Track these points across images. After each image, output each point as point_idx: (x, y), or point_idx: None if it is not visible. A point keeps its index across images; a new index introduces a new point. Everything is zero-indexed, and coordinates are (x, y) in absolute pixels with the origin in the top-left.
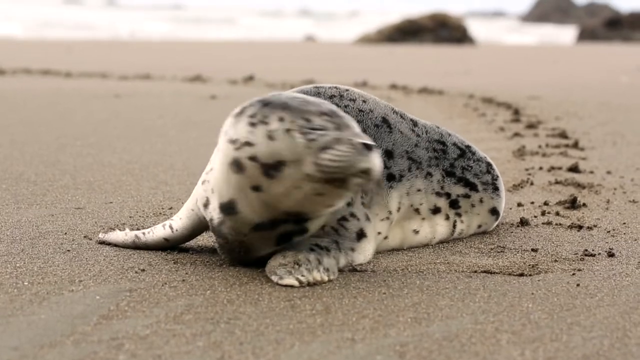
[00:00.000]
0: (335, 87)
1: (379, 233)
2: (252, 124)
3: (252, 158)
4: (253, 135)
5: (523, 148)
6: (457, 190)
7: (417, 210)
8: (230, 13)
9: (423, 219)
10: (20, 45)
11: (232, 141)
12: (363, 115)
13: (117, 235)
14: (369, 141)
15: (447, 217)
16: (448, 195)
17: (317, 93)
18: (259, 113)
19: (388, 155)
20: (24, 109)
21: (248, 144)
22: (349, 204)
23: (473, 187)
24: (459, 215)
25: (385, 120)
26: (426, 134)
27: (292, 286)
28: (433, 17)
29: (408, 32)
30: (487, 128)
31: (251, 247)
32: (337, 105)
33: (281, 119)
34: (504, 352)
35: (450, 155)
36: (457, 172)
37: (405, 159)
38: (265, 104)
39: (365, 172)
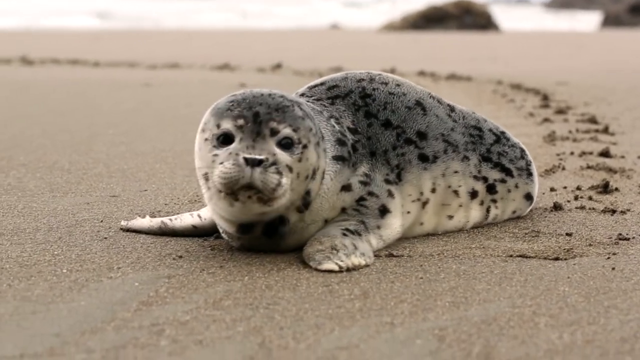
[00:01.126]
0: (367, 72)
1: (408, 212)
2: (202, 130)
3: (196, 167)
4: (196, 142)
5: (553, 133)
6: (494, 175)
7: (456, 193)
8: (256, 2)
9: (460, 205)
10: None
11: None
12: (393, 97)
13: (142, 222)
14: (258, 155)
15: (482, 203)
16: (485, 179)
17: (345, 78)
18: (205, 116)
19: (421, 136)
20: (53, 99)
21: (196, 152)
22: (365, 184)
23: (509, 172)
24: (494, 201)
25: (419, 103)
26: (463, 120)
27: (331, 271)
28: (457, 4)
29: (432, 19)
30: (516, 114)
31: (252, 245)
32: (365, 88)
33: (204, 128)
34: (542, 335)
35: (487, 141)
36: (494, 157)
37: (441, 141)
38: (214, 106)
39: (249, 187)
